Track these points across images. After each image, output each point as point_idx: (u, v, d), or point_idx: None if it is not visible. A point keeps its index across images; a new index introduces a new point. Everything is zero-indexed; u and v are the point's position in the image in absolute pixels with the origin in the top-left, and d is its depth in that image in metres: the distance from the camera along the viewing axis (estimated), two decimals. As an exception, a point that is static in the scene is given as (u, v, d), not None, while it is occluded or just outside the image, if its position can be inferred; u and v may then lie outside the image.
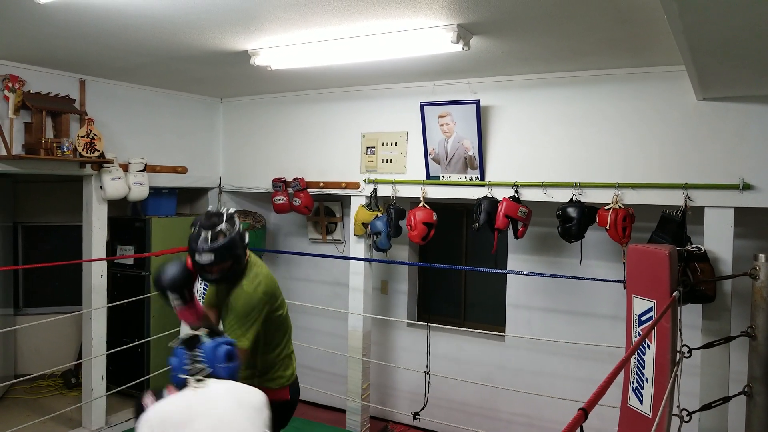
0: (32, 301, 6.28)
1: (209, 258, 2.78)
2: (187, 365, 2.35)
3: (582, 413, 1.27)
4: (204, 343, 2.39)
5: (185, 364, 2.36)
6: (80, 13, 3.10)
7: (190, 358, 2.36)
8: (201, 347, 2.37)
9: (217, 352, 2.38)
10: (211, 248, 2.78)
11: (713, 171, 3.75)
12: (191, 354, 2.37)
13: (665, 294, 3.04)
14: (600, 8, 2.82)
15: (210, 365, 2.36)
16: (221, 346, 2.41)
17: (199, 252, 2.79)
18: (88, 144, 4.51)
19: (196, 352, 2.37)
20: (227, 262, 2.85)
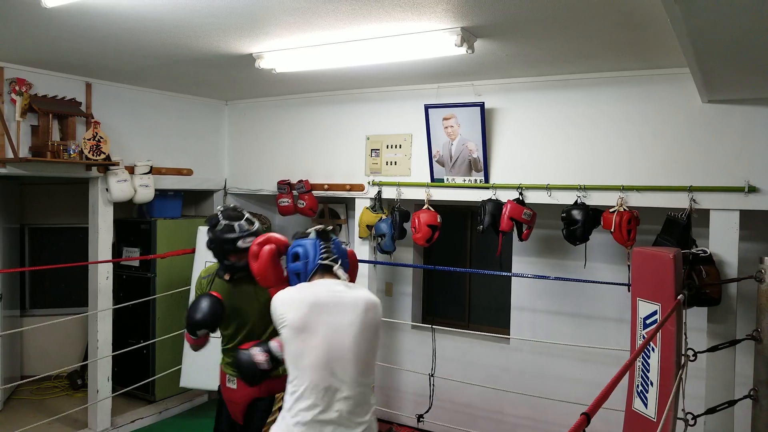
0: (39, 302, 6.31)
1: (251, 241, 2.92)
2: (323, 254, 2.57)
3: (584, 418, 1.27)
4: (334, 238, 2.66)
5: (322, 252, 2.57)
6: (86, 16, 3.11)
7: (325, 249, 2.58)
8: (333, 241, 2.63)
9: (341, 247, 2.66)
10: (250, 232, 3.00)
11: (718, 174, 3.74)
12: (325, 245, 2.60)
13: (670, 297, 3.03)
14: (604, 11, 2.82)
15: (340, 258, 2.60)
16: (344, 247, 2.71)
17: (243, 237, 2.97)
18: (94, 146, 4.53)
19: (329, 244, 2.60)
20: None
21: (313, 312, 2.37)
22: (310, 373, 2.34)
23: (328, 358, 2.35)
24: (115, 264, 5.28)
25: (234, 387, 3.17)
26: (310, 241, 2.60)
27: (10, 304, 5.71)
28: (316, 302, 2.40)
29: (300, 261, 2.58)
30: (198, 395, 5.75)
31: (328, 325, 2.37)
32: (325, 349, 2.35)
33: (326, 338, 2.36)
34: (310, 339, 2.35)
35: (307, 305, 2.39)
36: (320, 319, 2.37)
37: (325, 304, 2.41)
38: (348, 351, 2.37)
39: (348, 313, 2.41)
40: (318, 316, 2.37)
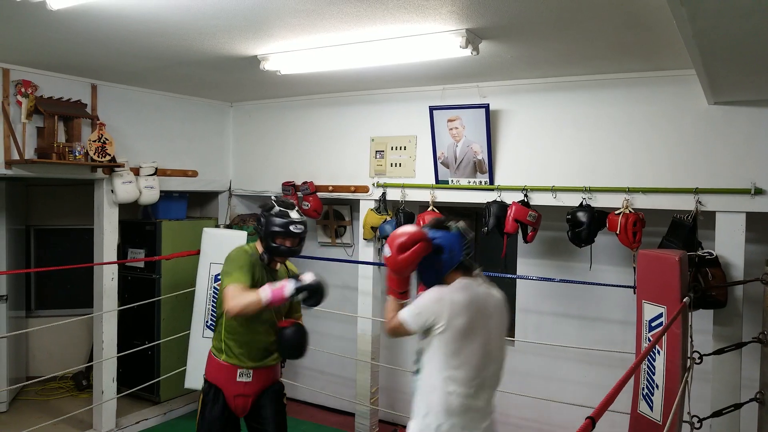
0: (44, 303, 6.33)
1: (302, 228, 3.19)
2: (466, 251, 2.57)
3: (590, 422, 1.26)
4: (470, 234, 2.64)
5: (464, 248, 2.56)
6: (92, 19, 3.12)
7: (467, 246, 2.57)
8: (471, 238, 2.62)
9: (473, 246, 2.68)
10: (302, 220, 3.21)
11: (724, 175, 3.72)
12: (467, 242, 2.58)
13: (676, 299, 3.02)
14: (609, 13, 2.81)
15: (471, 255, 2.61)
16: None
17: (296, 223, 3.16)
18: (99, 148, 4.55)
19: (469, 241, 2.59)
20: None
21: (477, 316, 2.46)
22: (468, 371, 2.44)
23: (484, 360, 2.47)
24: (120, 265, 5.29)
25: (249, 380, 3.22)
26: (454, 236, 2.56)
27: (16, 305, 5.73)
28: (480, 306, 2.49)
29: (443, 255, 2.54)
30: (202, 396, 5.75)
31: (486, 329, 2.49)
32: (483, 352, 2.47)
33: (484, 340, 2.47)
34: (472, 342, 2.44)
35: (474, 309, 2.46)
36: (481, 322, 2.48)
37: (485, 307, 2.51)
38: (498, 350, 2.55)
39: (497, 314, 2.56)
40: (480, 320, 2.47)
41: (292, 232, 3.14)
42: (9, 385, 5.32)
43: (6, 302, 5.34)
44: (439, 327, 2.42)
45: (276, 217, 3.15)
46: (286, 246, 3.17)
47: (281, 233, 3.13)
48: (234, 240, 5.17)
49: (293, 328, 3.19)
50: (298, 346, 3.22)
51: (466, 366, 2.45)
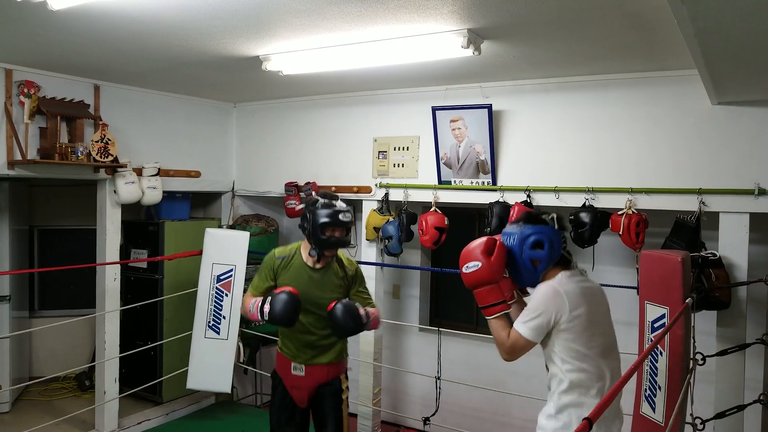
0: (47, 303, 6.34)
1: (349, 217, 3.23)
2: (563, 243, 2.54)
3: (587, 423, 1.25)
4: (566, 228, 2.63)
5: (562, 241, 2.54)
6: (93, 19, 3.13)
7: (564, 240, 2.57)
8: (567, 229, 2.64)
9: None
10: (348, 209, 3.25)
11: (728, 176, 3.70)
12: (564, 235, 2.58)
13: (678, 300, 3.01)
14: (611, 12, 2.80)
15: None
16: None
17: (343, 212, 3.21)
18: (102, 149, 4.55)
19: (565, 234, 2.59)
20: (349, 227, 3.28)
21: (594, 304, 2.46)
22: (598, 362, 2.42)
23: (609, 352, 2.48)
24: (122, 265, 5.30)
25: (302, 374, 3.32)
26: (551, 230, 2.53)
27: (19, 306, 5.74)
28: (594, 295, 2.50)
29: (544, 249, 2.49)
30: (205, 397, 5.76)
31: (604, 316, 2.53)
32: (607, 340, 2.49)
33: (605, 329, 2.50)
34: (596, 333, 2.43)
35: (590, 298, 2.46)
36: (599, 310, 2.50)
37: (596, 296, 2.52)
38: (613, 337, 2.55)
39: (604, 302, 2.58)
40: (598, 308, 2.49)
41: (340, 221, 3.18)
42: (12, 385, 5.33)
43: (9, 302, 5.35)
44: (563, 323, 2.40)
45: (322, 209, 3.19)
46: (336, 237, 3.20)
47: (329, 224, 3.17)
48: (237, 240, 5.18)
49: (336, 308, 3.14)
50: (341, 326, 3.16)
51: (595, 359, 2.42)
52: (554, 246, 2.50)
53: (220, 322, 5.14)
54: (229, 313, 5.14)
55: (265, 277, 3.34)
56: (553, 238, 2.51)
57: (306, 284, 3.26)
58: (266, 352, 6.05)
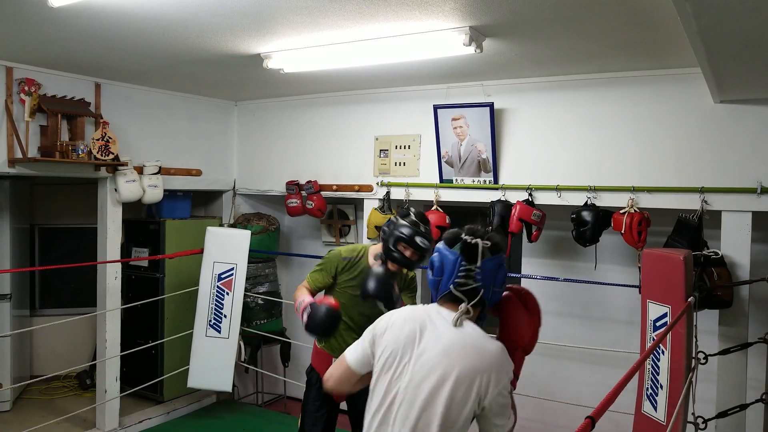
0: (48, 302, 6.34)
1: (427, 245, 3.07)
2: (460, 276, 1.98)
3: (589, 421, 1.24)
4: (487, 257, 1.99)
5: (459, 276, 1.98)
6: (94, 16, 3.12)
7: (466, 271, 1.98)
8: (483, 262, 1.97)
9: (498, 274, 1.99)
10: (430, 237, 3.12)
11: (730, 174, 3.69)
12: (468, 266, 1.98)
13: (680, 299, 3.00)
14: (614, 10, 2.79)
15: (483, 286, 1.98)
16: (503, 268, 2.01)
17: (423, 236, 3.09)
18: (102, 147, 4.54)
19: (474, 266, 1.97)
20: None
21: (406, 351, 1.99)
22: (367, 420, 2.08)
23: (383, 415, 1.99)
24: (123, 264, 5.29)
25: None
26: (453, 257, 2.01)
27: (20, 304, 5.74)
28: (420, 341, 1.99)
29: (434, 276, 2.07)
30: (206, 396, 5.76)
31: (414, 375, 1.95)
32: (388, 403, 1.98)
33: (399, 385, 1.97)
34: (382, 381, 2.03)
35: (407, 340, 2.00)
36: (410, 363, 1.97)
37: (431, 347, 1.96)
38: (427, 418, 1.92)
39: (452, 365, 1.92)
40: (408, 359, 1.97)
41: (416, 243, 3.08)
42: (13, 383, 5.33)
43: (10, 301, 5.34)
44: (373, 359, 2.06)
45: (407, 225, 3.11)
46: (405, 255, 3.11)
47: (405, 240, 3.09)
48: (238, 239, 5.18)
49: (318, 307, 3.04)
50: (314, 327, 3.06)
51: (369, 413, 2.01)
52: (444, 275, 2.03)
53: (221, 320, 5.14)
54: (230, 312, 5.13)
55: (327, 273, 3.35)
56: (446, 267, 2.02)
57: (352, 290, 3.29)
58: (267, 350, 6.04)
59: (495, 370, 1.89)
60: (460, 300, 1.98)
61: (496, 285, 2.01)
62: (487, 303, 2.01)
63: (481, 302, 1.98)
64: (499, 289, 2.03)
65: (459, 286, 1.97)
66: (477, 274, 1.96)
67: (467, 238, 2.01)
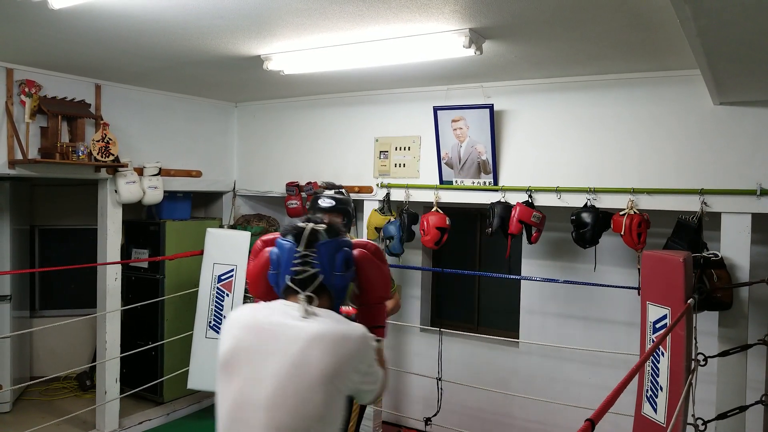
0: (48, 303, 6.34)
1: (330, 203, 3.14)
2: (296, 264, 1.85)
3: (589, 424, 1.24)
4: (322, 240, 1.87)
5: (295, 262, 1.85)
6: (94, 18, 3.12)
7: (301, 257, 1.85)
8: (318, 246, 1.86)
9: (336, 257, 1.88)
10: (331, 196, 3.18)
11: (730, 176, 3.69)
12: (303, 252, 1.85)
13: (680, 301, 3.00)
14: (614, 12, 2.80)
15: (323, 271, 1.86)
16: (342, 250, 1.90)
17: (323, 198, 3.17)
18: (103, 148, 4.55)
19: (309, 251, 1.86)
20: (341, 214, 3.17)
21: (249, 348, 1.78)
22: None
23: (234, 417, 1.77)
24: (123, 265, 5.29)
25: None
26: (288, 245, 1.88)
27: (20, 305, 5.74)
28: (261, 336, 1.79)
29: (272, 270, 1.93)
30: (206, 397, 5.75)
31: (255, 372, 1.75)
32: (237, 404, 1.76)
33: (244, 386, 1.75)
34: (228, 384, 1.79)
35: (250, 337, 1.80)
36: (252, 360, 1.76)
37: (269, 340, 1.77)
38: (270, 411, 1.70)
39: (287, 356, 1.72)
40: (251, 356, 1.77)
41: (320, 206, 3.14)
42: (13, 385, 5.33)
43: (10, 302, 5.35)
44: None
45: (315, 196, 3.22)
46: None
47: (315, 209, 3.16)
48: (238, 240, 5.18)
49: None
50: None
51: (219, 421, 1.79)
52: (281, 268, 1.89)
53: (221, 322, 5.14)
54: (230, 313, 5.13)
55: None
56: (282, 258, 1.89)
57: None
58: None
59: (360, 353, 1.77)
60: (290, 291, 1.86)
61: (336, 269, 1.87)
62: (332, 290, 1.88)
63: (322, 289, 1.85)
64: (341, 273, 1.88)
65: (297, 274, 1.83)
66: (314, 259, 1.84)
67: (301, 224, 1.91)
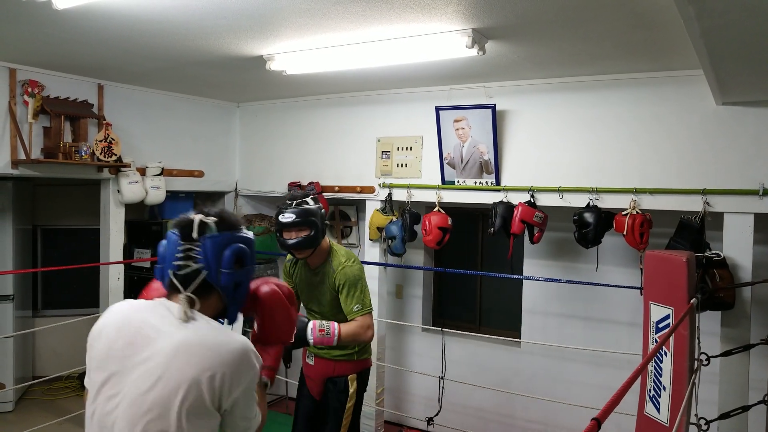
0: (50, 303, 6.35)
1: (290, 217, 3.02)
2: (178, 258, 1.68)
3: (595, 423, 1.25)
4: (209, 234, 1.70)
5: (178, 255, 1.68)
6: (98, 18, 3.13)
7: (184, 251, 1.68)
8: (203, 239, 1.69)
9: (224, 253, 1.70)
10: (292, 210, 3.04)
11: (733, 176, 3.69)
12: (185, 245, 1.69)
13: (683, 301, 3.00)
14: (617, 12, 2.80)
15: (207, 267, 1.68)
16: (233, 245, 1.72)
17: (282, 212, 3.05)
18: (105, 148, 4.56)
19: (194, 244, 1.69)
20: (306, 227, 3.04)
21: (114, 358, 1.63)
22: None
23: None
24: (126, 265, 5.30)
25: (312, 363, 3.37)
26: (173, 237, 1.70)
27: (22, 305, 5.74)
28: (129, 341, 1.63)
29: (158, 264, 1.75)
30: (208, 397, 5.75)
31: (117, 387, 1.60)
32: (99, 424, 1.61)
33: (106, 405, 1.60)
34: (96, 395, 1.64)
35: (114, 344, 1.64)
36: (117, 373, 1.61)
37: (135, 349, 1.62)
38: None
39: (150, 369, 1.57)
40: (115, 367, 1.62)
41: (280, 222, 3.06)
42: (15, 384, 5.34)
43: (12, 302, 5.35)
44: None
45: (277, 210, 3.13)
46: (283, 238, 3.10)
47: (278, 227, 3.11)
48: (240, 240, 5.17)
49: None
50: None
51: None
52: (165, 262, 1.71)
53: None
54: (233, 313, 5.13)
55: (288, 278, 3.46)
56: (165, 251, 1.72)
57: (305, 282, 3.33)
58: (269, 351, 6.04)
59: (234, 369, 1.61)
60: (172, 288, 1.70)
61: (224, 265, 1.69)
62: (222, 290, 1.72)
63: (208, 289, 1.70)
64: (229, 271, 1.70)
65: (179, 269, 1.66)
66: (197, 253, 1.67)
67: (190, 216, 1.73)
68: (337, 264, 3.19)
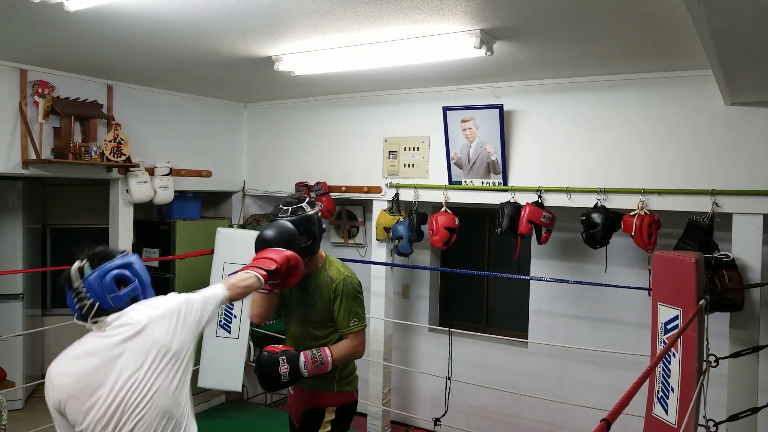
0: (60, 302, 6.37)
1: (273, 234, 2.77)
2: (77, 303, 2.03)
3: (605, 424, 1.25)
4: (87, 275, 2.02)
5: (75, 302, 2.03)
6: (108, 20, 3.15)
7: (76, 297, 2.02)
8: (84, 281, 2.01)
9: (104, 280, 2.01)
10: (289, 219, 2.83)
11: (741, 177, 3.68)
12: (74, 292, 2.02)
13: (691, 302, 2.99)
14: (625, 13, 2.79)
15: (98, 299, 2.01)
16: (110, 272, 2.03)
17: (279, 214, 2.86)
18: (114, 148, 4.58)
19: (79, 288, 2.02)
20: (302, 236, 2.83)
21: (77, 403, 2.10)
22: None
23: None
24: (134, 265, 5.31)
25: (292, 393, 3.08)
26: (67, 292, 2.08)
27: (32, 304, 5.78)
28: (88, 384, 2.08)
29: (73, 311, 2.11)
30: (216, 395, 5.78)
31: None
32: None
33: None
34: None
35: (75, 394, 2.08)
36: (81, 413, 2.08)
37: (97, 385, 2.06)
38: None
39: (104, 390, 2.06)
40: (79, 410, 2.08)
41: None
42: (25, 382, 5.37)
43: (22, 301, 5.39)
44: None
45: (271, 214, 2.96)
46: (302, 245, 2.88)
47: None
48: (247, 240, 5.19)
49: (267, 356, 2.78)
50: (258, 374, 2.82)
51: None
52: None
53: (231, 321, 5.16)
54: (240, 313, 5.16)
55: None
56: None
57: (297, 288, 2.99)
58: (276, 351, 6.06)
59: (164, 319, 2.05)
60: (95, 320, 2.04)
61: (108, 292, 2.01)
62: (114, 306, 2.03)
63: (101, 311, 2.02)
64: (115, 294, 2.03)
65: (81, 310, 2.03)
66: (85, 294, 2.01)
67: (68, 270, 2.05)
68: (335, 273, 2.96)
